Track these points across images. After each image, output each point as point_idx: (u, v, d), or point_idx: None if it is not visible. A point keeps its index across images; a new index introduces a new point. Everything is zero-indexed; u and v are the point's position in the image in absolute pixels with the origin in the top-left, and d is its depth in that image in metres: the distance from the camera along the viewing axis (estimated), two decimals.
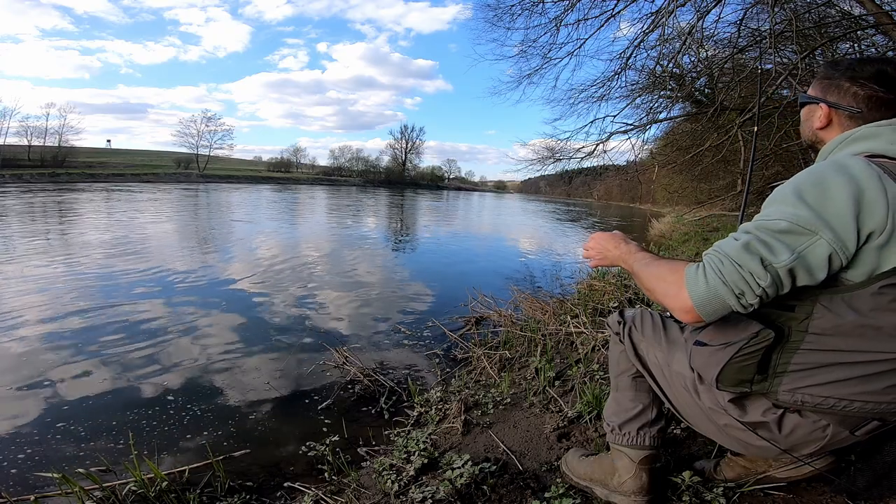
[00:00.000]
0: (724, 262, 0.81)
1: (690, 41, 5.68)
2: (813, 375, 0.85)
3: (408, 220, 14.95)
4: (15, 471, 1.83)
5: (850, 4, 5.17)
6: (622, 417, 1.25)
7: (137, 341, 3.25)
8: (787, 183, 0.85)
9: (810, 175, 0.82)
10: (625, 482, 1.24)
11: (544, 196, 73.95)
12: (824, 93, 0.96)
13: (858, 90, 0.91)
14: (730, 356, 0.90)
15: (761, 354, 0.87)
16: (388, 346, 3.38)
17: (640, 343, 1.22)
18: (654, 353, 1.18)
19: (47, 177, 37.53)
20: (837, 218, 0.76)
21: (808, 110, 1.01)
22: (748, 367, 0.89)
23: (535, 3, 7.14)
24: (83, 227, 9.56)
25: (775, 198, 0.84)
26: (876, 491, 1.03)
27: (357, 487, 1.58)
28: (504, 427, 1.87)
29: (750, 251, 0.79)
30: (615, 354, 1.34)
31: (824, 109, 0.95)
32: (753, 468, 1.23)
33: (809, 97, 1.00)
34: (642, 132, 7.21)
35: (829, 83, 0.96)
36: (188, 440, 2.09)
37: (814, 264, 0.77)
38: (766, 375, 0.89)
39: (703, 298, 0.82)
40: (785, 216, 0.79)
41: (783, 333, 0.85)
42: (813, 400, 0.87)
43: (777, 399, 0.90)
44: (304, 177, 68.02)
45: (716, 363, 0.93)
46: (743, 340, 0.88)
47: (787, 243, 0.78)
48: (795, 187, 0.81)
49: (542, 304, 3.58)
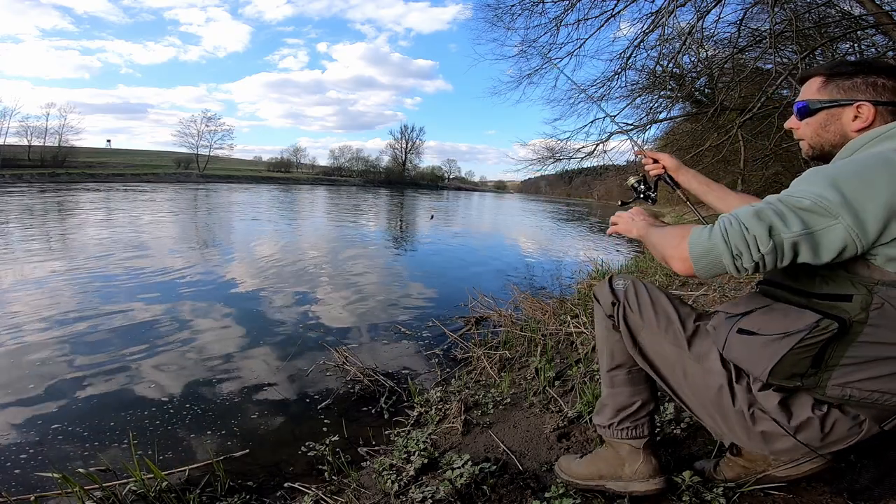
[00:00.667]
0: (732, 222, 0.82)
1: (690, 41, 5.67)
2: (865, 369, 0.84)
3: (407, 220, 14.95)
4: (15, 471, 1.82)
5: (850, 4, 5.17)
6: (620, 415, 1.23)
7: (137, 341, 3.25)
8: (823, 167, 0.84)
9: (851, 164, 0.82)
10: (637, 469, 1.23)
11: (544, 196, 73.94)
12: (850, 94, 0.94)
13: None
14: (790, 347, 0.86)
15: (819, 347, 0.85)
16: (388, 346, 3.38)
17: (640, 331, 1.14)
18: (661, 344, 1.10)
19: (47, 177, 37.54)
20: (867, 209, 0.76)
21: (827, 115, 0.97)
22: (804, 359, 0.86)
23: (535, 3, 7.14)
24: (83, 228, 9.56)
25: (807, 178, 0.83)
26: (877, 491, 1.03)
27: (357, 487, 1.58)
28: (504, 427, 1.87)
29: (761, 217, 0.80)
30: (608, 342, 1.24)
31: (868, 108, 0.92)
32: (753, 467, 1.22)
33: (832, 101, 0.96)
34: (642, 132, 7.22)
35: (853, 83, 0.94)
36: (188, 440, 2.09)
37: (824, 245, 0.78)
38: (818, 369, 0.87)
39: (700, 250, 0.84)
40: (810, 195, 0.79)
41: (845, 324, 0.83)
42: (860, 394, 0.85)
43: (824, 394, 0.88)
44: (304, 177, 68.03)
45: (770, 355, 0.89)
46: (804, 331, 0.85)
47: (802, 218, 0.78)
48: (832, 174, 0.80)
49: (542, 304, 3.58)
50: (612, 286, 1.22)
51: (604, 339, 1.26)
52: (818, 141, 1.00)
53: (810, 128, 1.01)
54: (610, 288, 1.22)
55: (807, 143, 1.03)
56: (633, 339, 1.16)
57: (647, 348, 1.14)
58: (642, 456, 1.23)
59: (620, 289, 1.20)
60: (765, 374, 0.90)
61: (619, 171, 9.29)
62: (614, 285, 1.21)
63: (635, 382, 1.23)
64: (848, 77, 0.95)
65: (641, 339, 1.15)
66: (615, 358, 1.24)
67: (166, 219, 12.11)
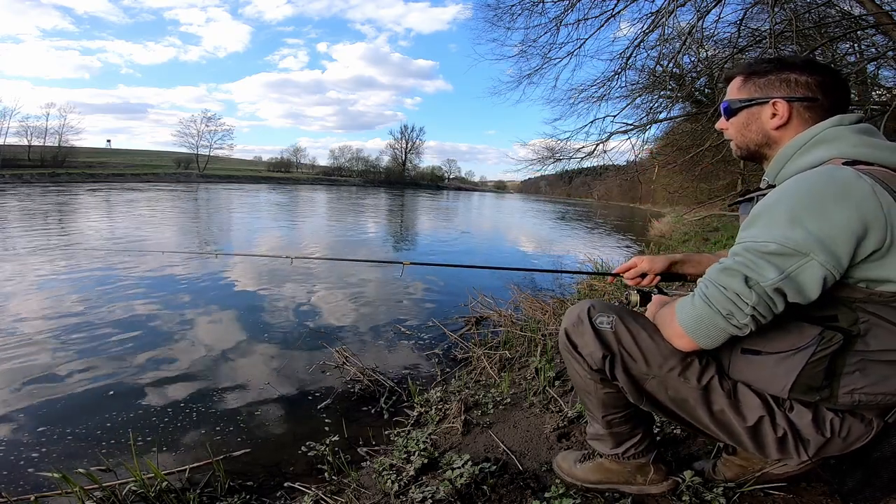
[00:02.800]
0: (708, 285, 0.83)
1: (690, 41, 5.67)
2: (868, 374, 0.85)
3: (408, 220, 14.94)
4: (15, 471, 1.82)
5: (850, 4, 5.17)
6: (624, 447, 1.20)
7: (137, 341, 3.25)
8: (776, 199, 0.82)
9: (802, 193, 0.80)
10: (650, 477, 1.23)
11: (544, 196, 73.98)
12: (766, 91, 0.94)
13: (809, 79, 0.91)
14: (805, 361, 0.86)
15: (829, 359, 0.84)
16: (388, 346, 3.37)
17: (647, 380, 0.99)
18: (678, 389, 0.97)
19: (47, 177, 37.56)
20: (835, 241, 0.76)
21: (748, 115, 0.97)
22: (818, 372, 0.86)
23: (535, 3, 7.15)
24: (83, 228, 9.56)
25: (761, 214, 0.82)
26: (868, 492, 1.03)
27: (357, 487, 1.58)
28: (504, 427, 1.87)
29: (731, 272, 0.80)
30: (596, 395, 1.10)
31: (783, 105, 0.92)
32: (750, 466, 1.22)
33: (750, 99, 0.95)
34: (642, 132, 7.23)
35: (768, 80, 0.94)
36: (188, 440, 2.09)
37: (806, 285, 0.78)
38: (830, 380, 0.86)
39: (691, 322, 0.85)
40: (774, 238, 0.78)
41: (850, 335, 0.83)
42: (867, 398, 0.86)
43: (837, 403, 0.88)
44: (304, 177, 68.08)
45: (786, 371, 0.88)
46: (812, 344, 0.84)
47: (775, 264, 0.78)
48: (788, 209, 0.79)
49: (542, 304, 3.58)
50: (595, 328, 1.01)
51: (589, 391, 1.11)
52: (743, 140, 0.99)
53: (734, 128, 1.00)
54: (594, 331, 1.01)
55: (734, 143, 1.02)
56: (638, 391, 1.01)
57: (658, 396, 1.01)
58: (652, 468, 1.23)
59: (608, 330, 1.00)
60: (785, 391, 0.90)
61: (619, 171, 9.29)
62: (598, 326, 1.01)
63: (635, 418, 1.17)
64: (763, 74, 0.95)
65: (650, 388, 1.00)
66: (608, 407, 1.13)
67: (166, 218, 12.11)
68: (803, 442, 0.93)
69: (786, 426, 0.92)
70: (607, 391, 1.09)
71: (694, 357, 0.97)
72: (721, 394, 0.95)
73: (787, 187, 0.83)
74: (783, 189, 0.83)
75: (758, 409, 0.93)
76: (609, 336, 1.00)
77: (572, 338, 1.07)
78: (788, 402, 0.93)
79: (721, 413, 0.96)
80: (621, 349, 0.99)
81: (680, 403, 0.99)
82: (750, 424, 0.93)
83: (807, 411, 0.92)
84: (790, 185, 0.83)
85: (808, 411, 0.91)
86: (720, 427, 0.97)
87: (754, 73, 0.96)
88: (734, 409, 0.95)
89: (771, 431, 0.93)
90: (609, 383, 1.06)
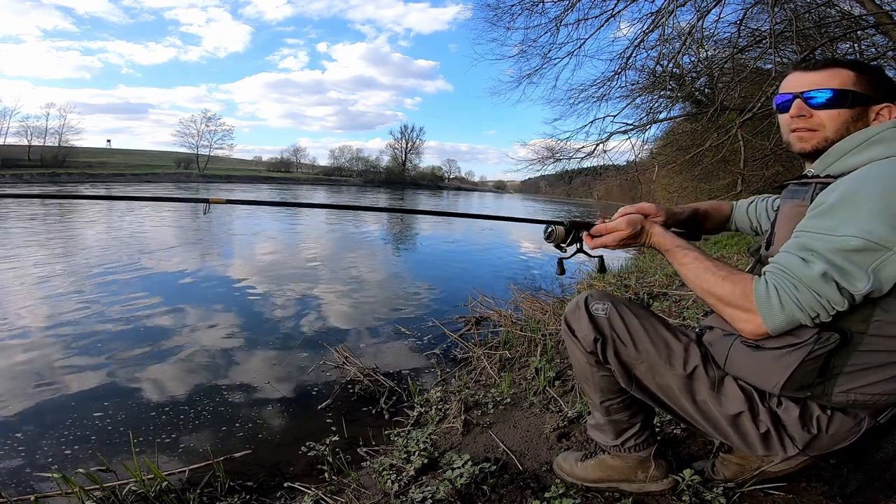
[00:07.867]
0: (799, 288, 0.80)
1: (690, 41, 5.67)
2: (869, 374, 0.85)
3: (407, 220, 14.94)
4: (15, 471, 1.82)
5: (850, 4, 5.16)
6: (624, 437, 1.21)
7: (137, 341, 3.25)
8: (855, 189, 0.80)
9: (881, 185, 0.78)
10: (651, 474, 1.23)
11: (544, 196, 73.98)
12: (878, 92, 0.91)
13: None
14: (801, 358, 0.86)
15: (824, 357, 0.85)
16: (388, 346, 3.37)
17: (636, 365, 1.03)
18: (664, 376, 1.01)
19: (47, 177, 37.59)
20: None
21: (861, 110, 0.90)
22: (812, 370, 0.86)
23: (535, 3, 7.14)
24: (83, 228, 9.56)
25: (840, 205, 0.80)
26: (869, 493, 1.03)
27: (357, 487, 1.58)
28: (504, 427, 1.87)
29: (827, 280, 0.78)
30: (593, 379, 1.14)
31: (891, 110, 0.90)
32: (748, 465, 1.23)
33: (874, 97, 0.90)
34: (642, 132, 7.20)
35: (879, 81, 0.92)
36: (188, 440, 2.09)
37: (886, 280, 0.77)
38: (824, 378, 0.87)
39: (780, 323, 0.83)
40: (858, 232, 0.76)
41: (847, 336, 0.83)
42: (863, 398, 0.86)
43: (830, 401, 0.89)
44: (304, 177, 68.10)
45: (782, 368, 0.88)
46: (810, 343, 0.84)
47: (861, 265, 0.76)
48: (877, 197, 0.77)
49: (542, 304, 3.57)
50: (590, 313, 1.07)
51: (587, 375, 1.16)
52: (840, 135, 0.91)
53: (838, 119, 0.90)
54: (588, 317, 1.07)
55: (822, 135, 0.92)
56: (628, 375, 1.05)
57: (646, 381, 1.04)
58: (653, 463, 1.23)
59: (602, 316, 1.05)
60: (777, 387, 0.90)
61: (619, 171, 9.28)
62: (593, 312, 1.06)
63: (633, 406, 1.18)
64: (873, 75, 0.93)
65: (639, 373, 1.04)
66: (605, 392, 1.16)
67: (166, 218, 12.10)
68: (790, 438, 0.93)
69: (769, 422, 0.93)
70: (603, 374, 1.12)
71: (680, 344, 1.01)
72: (705, 383, 0.98)
73: (869, 178, 0.80)
74: (862, 179, 0.80)
75: (739, 403, 0.95)
76: (602, 321, 1.06)
77: (570, 323, 1.13)
78: (776, 399, 0.94)
79: (703, 403, 0.98)
80: (613, 334, 1.04)
81: (665, 390, 1.02)
82: (730, 415, 0.95)
83: (795, 407, 0.92)
84: (871, 176, 0.80)
85: (797, 407, 0.92)
86: (704, 418, 1.00)
87: (865, 70, 0.93)
88: (716, 400, 0.97)
89: (753, 427, 0.94)
90: (603, 366, 1.10)
